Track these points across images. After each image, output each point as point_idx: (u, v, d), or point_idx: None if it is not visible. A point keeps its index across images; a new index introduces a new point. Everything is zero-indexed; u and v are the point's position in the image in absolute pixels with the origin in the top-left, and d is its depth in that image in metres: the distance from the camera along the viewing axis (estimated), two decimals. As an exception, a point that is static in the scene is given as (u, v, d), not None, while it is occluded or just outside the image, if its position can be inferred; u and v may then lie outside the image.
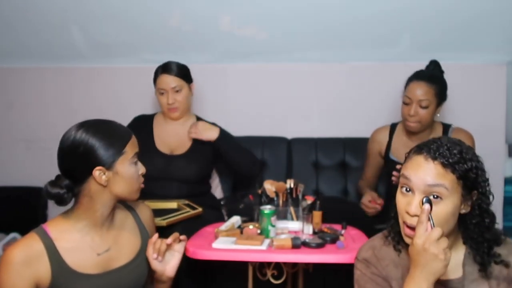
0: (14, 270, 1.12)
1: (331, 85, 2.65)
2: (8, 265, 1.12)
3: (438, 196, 1.05)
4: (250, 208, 1.90)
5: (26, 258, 1.14)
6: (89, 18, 2.45)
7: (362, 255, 1.21)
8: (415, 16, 2.31)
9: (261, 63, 2.64)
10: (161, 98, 2.14)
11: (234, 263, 1.57)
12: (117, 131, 1.27)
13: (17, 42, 2.62)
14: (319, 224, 1.77)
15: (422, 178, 1.06)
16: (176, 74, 2.14)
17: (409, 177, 1.08)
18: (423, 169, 1.07)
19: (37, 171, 2.75)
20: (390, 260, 1.17)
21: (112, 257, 1.28)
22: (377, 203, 2.02)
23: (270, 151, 2.58)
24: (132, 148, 1.26)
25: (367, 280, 1.17)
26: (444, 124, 2.07)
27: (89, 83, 2.74)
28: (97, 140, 1.21)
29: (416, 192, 1.07)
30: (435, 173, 1.05)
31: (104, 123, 1.28)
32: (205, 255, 1.53)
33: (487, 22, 2.31)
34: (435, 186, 1.05)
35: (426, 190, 1.06)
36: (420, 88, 1.92)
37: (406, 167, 1.11)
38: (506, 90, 2.54)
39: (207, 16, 2.39)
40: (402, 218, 1.10)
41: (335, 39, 2.49)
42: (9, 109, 2.79)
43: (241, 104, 2.69)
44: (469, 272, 1.13)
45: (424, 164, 1.07)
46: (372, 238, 1.26)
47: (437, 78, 1.99)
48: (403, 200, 1.10)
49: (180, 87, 2.13)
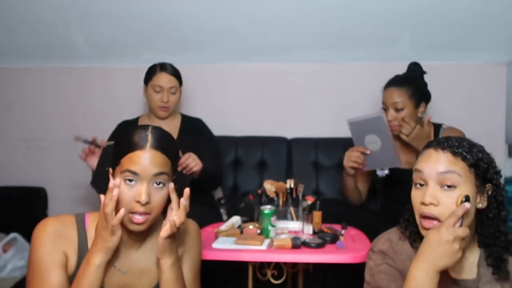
0: (47, 239, 1.11)
1: (331, 85, 2.65)
2: (42, 233, 1.12)
3: (452, 185, 1.06)
4: (250, 208, 1.90)
5: (59, 232, 1.13)
6: (89, 19, 2.45)
7: (379, 246, 1.19)
8: (415, 16, 2.31)
9: (261, 63, 2.64)
10: (155, 95, 2.13)
11: (234, 263, 1.57)
12: (129, 140, 1.12)
13: (17, 42, 2.62)
14: (319, 224, 1.77)
15: (434, 167, 1.07)
16: (174, 74, 2.16)
17: (421, 169, 1.09)
18: (434, 159, 1.08)
19: (37, 171, 2.76)
20: (407, 254, 1.16)
21: (129, 282, 1.19)
22: (360, 151, 1.95)
23: (270, 151, 2.58)
24: (127, 164, 1.10)
25: (381, 270, 1.16)
26: (435, 124, 2.07)
27: (89, 83, 2.74)
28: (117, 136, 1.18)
29: (430, 183, 1.08)
30: (446, 161, 1.07)
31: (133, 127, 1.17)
32: (205, 255, 1.52)
33: (487, 22, 2.32)
34: (447, 173, 1.06)
35: (439, 179, 1.07)
36: (392, 93, 1.99)
37: (418, 162, 1.12)
38: (506, 90, 2.54)
39: (207, 16, 2.39)
40: (419, 212, 1.10)
41: (335, 39, 2.49)
42: (9, 109, 2.79)
43: (241, 104, 2.69)
44: (483, 273, 1.13)
45: (434, 154, 1.09)
46: (388, 231, 1.24)
47: (409, 80, 2.02)
48: (417, 194, 1.10)
49: (175, 89, 2.16)
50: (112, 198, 1.06)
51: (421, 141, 1.92)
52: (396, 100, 1.97)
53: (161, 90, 2.13)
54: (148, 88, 2.16)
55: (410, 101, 1.97)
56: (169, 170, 1.14)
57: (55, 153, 2.74)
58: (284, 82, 2.67)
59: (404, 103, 1.96)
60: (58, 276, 1.10)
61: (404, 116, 1.96)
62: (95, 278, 1.08)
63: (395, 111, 1.98)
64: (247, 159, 2.58)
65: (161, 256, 1.13)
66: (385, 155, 1.93)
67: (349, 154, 1.98)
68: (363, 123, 1.92)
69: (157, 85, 2.13)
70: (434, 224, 1.06)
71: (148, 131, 1.14)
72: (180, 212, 1.12)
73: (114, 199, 1.07)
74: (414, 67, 2.09)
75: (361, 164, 1.97)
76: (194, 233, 1.30)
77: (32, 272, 1.11)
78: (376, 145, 1.93)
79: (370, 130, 1.92)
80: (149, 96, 2.17)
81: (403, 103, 1.96)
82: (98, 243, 1.09)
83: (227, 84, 2.70)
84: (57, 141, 2.72)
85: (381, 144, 1.91)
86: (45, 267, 1.10)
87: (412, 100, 1.97)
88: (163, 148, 1.13)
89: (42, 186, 2.73)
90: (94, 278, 1.08)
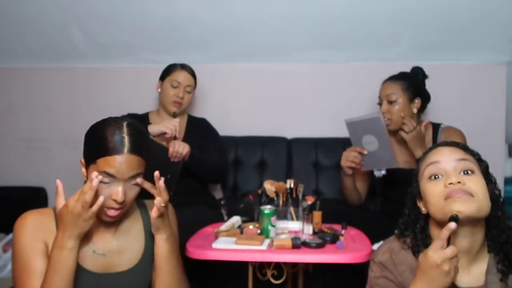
0: (28, 231, 1.19)
1: (331, 85, 2.65)
2: (22, 226, 1.20)
3: (470, 170, 1.09)
4: (250, 208, 1.90)
5: (38, 223, 1.20)
6: (90, 19, 2.46)
7: (379, 258, 1.19)
8: (415, 16, 2.31)
9: (261, 63, 2.65)
10: (171, 90, 2.19)
11: (234, 263, 1.57)
12: (106, 143, 1.16)
13: (18, 42, 2.62)
14: (319, 224, 1.77)
15: (450, 155, 1.12)
16: (192, 75, 2.25)
17: (438, 159, 1.12)
18: (447, 150, 1.13)
19: (37, 171, 2.76)
20: (407, 265, 1.15)
21: (110, 262, 1.26)
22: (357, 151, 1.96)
23: (270, 151, 2.58)
24: (104, 165, 1.15)
25: (379, 283, 1.16)
26: (434, 124, 2.07)
27: (90, 83, 2.75)
28: (88, 134, 1.22)
29: (449, 170, 1.10)
30: (459, 151, 1.13)
31: (106, 126, 1.19)
32: (205, 255, 1.53)
33: (487, 22, 2.32)
34: (464, 160, 1.11)
35: (458, 166, 1.10)
36: (387, 86, 2.03)
37: (430, 157, 1.14)
38: (506, 90, 2.54)
39: (207, 16, 2.39)
40: (443, 196, 1.07)
41: (335, 39, 2.49)
42: (9, 109, 2.79)
43: (241, 104, 2.69)
44: (492, 280, 1.12)
45: (446, 148, 1.14)
46: (391, 239, 1.23)
47: (406, 76, 2.04)
48: (437, 187, 1.10)
49: (191, 89, 2.23)
50: (92, 188, 1.12)
51: (417, 142, 1.92)
52: (390, 92, 1.99)
53: (179, 86, 2.19)
54: (165, 83, 2.21)
55: (404, 94, 1.98)
56: (144, 168, 1.23)
57: (55, 153, 2.75)
58: (284, 82, 2.67)
59: (397, 95, 1.98)
60: (40, 263, 1.16)
61: (398, 109, 1.96)
62: (69, 260, 1.14)
63: (388, 103, 1.99)
64: (247, 159, 2.58)
65: (156, 233, 1.25)
66: (382, 156, 1.93)
67: (347, 154, 1.98)
68: (360, 124, 1.92)
69: (176, 80, 2.19)
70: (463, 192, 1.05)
71: (124, 133, 1.18)
72: (162, 193, 1.21)
73: (94, 189, 1.12)
74: (417, 70, 2.10)
75: (359, 164, 1.97)
76: (171, 214, 1.38)
77: (16, 261, 1.18)
78: (374, 145, 1.93)
79: (367, 131, 1.92)
80: (164, 90, 2.21)
81: (396, 95, 1.98)
82: (69, 229, 1.13)
83: (227, 84, 2.70)
84: (57, 141, 2.72)
85: (378, 144, 1.91)
86: (28, 256, 1.17)
87: (406, 94, 1.98)
88: (139, 150, 1.20)
89: (42, 186, 2.73)
90: (68, 260, 1.14)
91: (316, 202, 1.84)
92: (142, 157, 1.20)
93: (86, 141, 1.22)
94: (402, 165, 1.98)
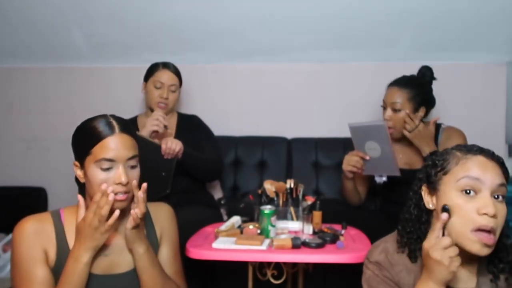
0: (26, 239, 1.19)
1: (331, 85, 2.65)
2: (21, 233, 1.20)
3: (501, 195, 1.05)
4: (250, 208, 1.90)
5: (37, 230, 1.21)
6: (89, 19, 2.46)
7: (375, 257, 1.19)
8: (415, 16, 2.31)
9: (261, 63, 2.65)
10: (155, 91, 2.15)
11: (234, 263, 1.57)
12: (95, 130, 1.19)
13: (17, 42, 2.62)
14: (319, 224, 1.77)
15: (493, 177, 1.04)
16: (175, 73, 2.19)
17: (479, 177, 1.04)
18: (491, 168, 1.05)
19: (37, 171, 2.76)
20: (403, 266, 1.15)
21: (110, 263, 1.26)
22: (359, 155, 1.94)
23: (270, 151, 2.58)
24: (101, 152, 1.17)
25: (379, 281, 1.16)
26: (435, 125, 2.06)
27: (89, 83, 2.75)
28: (75, 134, 1.24)
29: (485, 192, 1.03)
30: (500, 173, 1.06)
31: (91, 120, 1.23)
32: (205, 255, 1.53)
33: (487, 22, 2.32)
34: (502, 186, 1.05)
35: (495, 190, 1.04)
36: (393, 92, 1.98)
37: (471, 167, 1.06)
38: (506, 90, 2.54)
39: (207, 16, 2.39)
40: (473, 223, 1.02)
41: (335, 39, 2.49)
42: (8, 109, 2.79)
43: (241, 104, 2.69)
44: (482, 282, 1.12)
45: (489, 163, 1.06)
46: (384, 239, 1.23)
47: (413, 83, 1.99)
48: (470, 205, 1.03)
49: (176, 87, 2.18)
50: (108, 202, 1.15)
51: (424, 140, 1.92)
52: (395, 100, 1.96)
53: (162, 87, 2.15)
54: (149, 84, 2.17)
55: (409, 104, 1.95)
56: (137, 151, 1.23)
57: (55, 153, 2.74)
58: (284, 82, 2.67)
59: (402, 105, 1.95)
60: (40, 272, 1.18)
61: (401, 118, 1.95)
62: (83, 273, 1.17)
63: (392, 111, 1.97)
64: (247, 159, 2.58)
65: (131, 246, 1.23)
66: (384, 163, 1.92)
67: (349, 158, 1.98)
68: (364, 129, 1.91)
69: (159, 81, 2.14)
70: (491, 237, 1.02)
71: (110, 118, 1.22)
72: (140, 204, 1.20)
73: (110, 204, 1.15)
74: (425, 71, 2.05)
75: (360, 169, 1.97)
76: (169, 214, 1.40)
77: (15, 270, 1.19)
78: (376, 152, 1.92)
79: (370, 137, 1.90)
80: (148, 92, 2.18)
81: (401, 104, 1.95)
82: (86, 242, 1.16)
83: (227, 84, 2.70)
84: (57, 141, 2.72)
85: (381, 152, 1.90)
86: (28, 264, 1.18)
87: (411, 103, 1.95)
88: (129, 131, 1.23)
89: (42, 186, 2.73)
90: (83, 273, 1.16)
91: (316, 202, 1.84)
92: (134, 138, 1.23)
93: (75, 140, 1.24)
94: (402, 166, 1.98)
